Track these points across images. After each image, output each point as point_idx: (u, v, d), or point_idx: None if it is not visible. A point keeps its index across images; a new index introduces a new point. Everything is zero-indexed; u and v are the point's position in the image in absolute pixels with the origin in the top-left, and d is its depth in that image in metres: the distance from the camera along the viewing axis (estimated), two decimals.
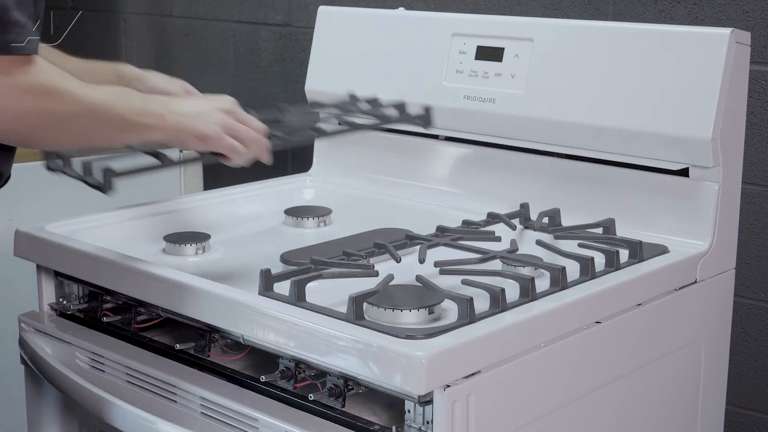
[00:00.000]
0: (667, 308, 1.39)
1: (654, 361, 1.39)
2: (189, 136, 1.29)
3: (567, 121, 1.56)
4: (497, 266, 1.33)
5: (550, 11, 1.83)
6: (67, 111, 1.15)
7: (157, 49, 2.60)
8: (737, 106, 1.47)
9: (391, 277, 1.25)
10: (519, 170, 1.66)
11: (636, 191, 1.52)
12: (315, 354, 1.15)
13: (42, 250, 1.49)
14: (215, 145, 1.31)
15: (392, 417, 1.16)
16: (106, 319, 1.45)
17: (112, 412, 1.30)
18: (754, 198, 1.64)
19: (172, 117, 1.28)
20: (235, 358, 1.31)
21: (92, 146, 1.25)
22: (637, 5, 1.73)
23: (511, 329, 1.16)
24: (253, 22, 2.35)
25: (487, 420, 1.13)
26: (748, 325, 1.67)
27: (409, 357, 1.06)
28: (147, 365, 1.34)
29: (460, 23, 1.70)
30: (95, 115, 1.19)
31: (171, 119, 1.28)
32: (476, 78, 1.66)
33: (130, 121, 1.24)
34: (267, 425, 1.18)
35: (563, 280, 1.27)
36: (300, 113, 1.54)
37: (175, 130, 1.28)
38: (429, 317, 1.17)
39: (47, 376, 1.43)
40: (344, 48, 1.85)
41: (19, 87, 1.10)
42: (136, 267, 1.35)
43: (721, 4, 1.63)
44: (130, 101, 1.25)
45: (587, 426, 1.30)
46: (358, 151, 1.85)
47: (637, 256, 1.39)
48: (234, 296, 1.24)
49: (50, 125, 1.15)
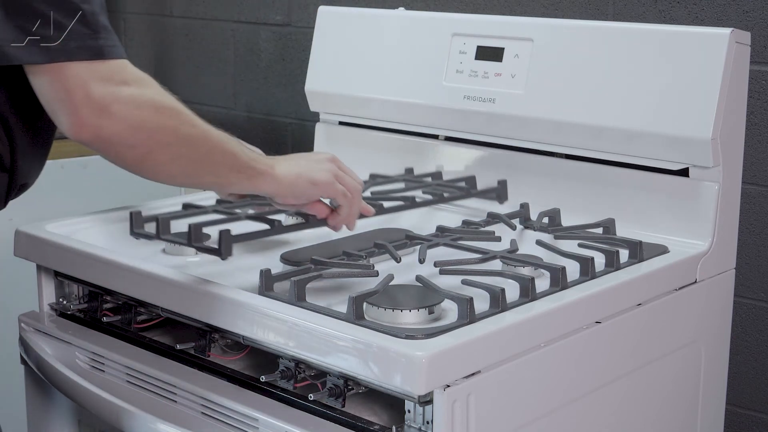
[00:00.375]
0: (667, 308, 1.39)
1: (654, 361, 1.39)
2: (303, 181, 1.30)
3: (567, 121, 1.56)
4: (497, 266, 1.33)
5: (550, 11, 1.83)
6: (186, 132, 1.14)
7: (157, 49, 2.60)
8: (737, 106, 1.47)
9: (391, 277, 1.25)
10: (519, 170, 1.66)
11: (636, 191, 1.52)
12: (315, 354, 1.15)
13: (42, 250, 1.49)
14: (328, 190, 1.32)
15: (392, 417, 1.16)
16: (106, 319, 1.45)
17: (112, 412, 1.30)
18: (754, 198, 1.64)
19: (282, 166, 1.29)
20: (235, 358, 1.31)
21: (201, 183, 1.23)
22: (637, 5, 1.73)
23: (511, 329, 1.16)
24: (253, 22, 2.35)
25: (487, 420, 1.13)
26: (748, 325, 1.67)
27: (409, 357, 1.06)
28: (147, 365, 1.34)
29: (460, 23, 1.70)
30: (211, 144, 1.18)
31: (282, 168, 1.28)
32: (476, 78, 1.66)
33: (242, 162, 1.23)
34: (267, 425, 1.18)
35: (563, 280, 1.27)
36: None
37: (287, 178, 1.28)
38: (429, 317, 1.17)
39: (47, 376, 1.43)
40: (344, 48, 1.85)
41: (143, 101, 1.09)
42: (136, 267, 1.35)
43: (721, 4, 1.63)
44: (240, 145, 1.24)
45: (587, 426, 1.30)
46: (358, 151, 1.85)
47: (637, 256, 1.39)
48: (234, 296, 1.24)
49: (169, 144, 1.13)
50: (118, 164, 1.14)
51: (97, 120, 1.06)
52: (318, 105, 1.91)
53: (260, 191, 1.29)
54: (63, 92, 1.06)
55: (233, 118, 2.42)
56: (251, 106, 2.39)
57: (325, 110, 1.91)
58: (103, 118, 1.06)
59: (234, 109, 2.43)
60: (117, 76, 1.08)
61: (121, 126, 1.08)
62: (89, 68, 1.06)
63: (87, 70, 1.06)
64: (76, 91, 1.05)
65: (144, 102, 1.10)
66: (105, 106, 1.06)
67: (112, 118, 1.07)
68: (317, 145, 1.92)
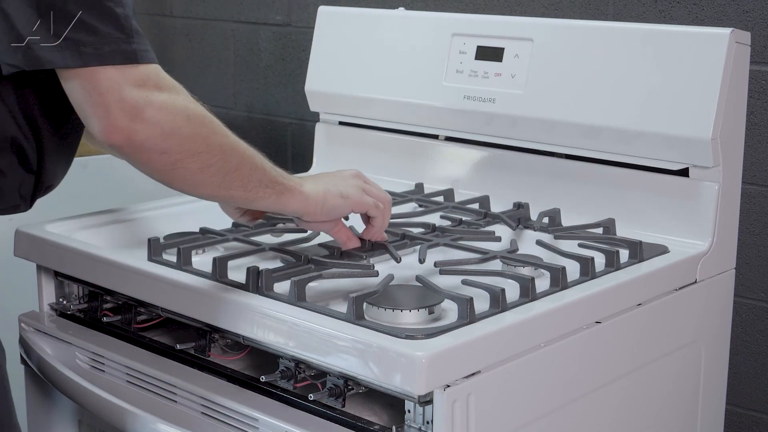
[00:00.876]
0: (667, 308, 1.39)
1: (654, 361, 1.39)
2: (333, 197, 1.28)
3: (567, 121, 1.56)
4: (497, 266, 1.33)
5: (550, 11, 1.83)
6: (217, 142, 1.14)
7: (157, 49, 2.60)
8: (737, 106, 1.47)
9: (391, 277, 1.25)
10: (519, 170, 1.66)
11: (636, 191, 1.52)
12: (315, 354, 1.15)
13: (42, 250, 1.49)
14: (359, 203, 1.31)
15: (392, 417, 1.16)
16: (106, 319, 1.45)
17: (113, 412, 1.30)
18: (754, 198, 1.64)
19: (310, 184, 1.28)
20: (235, 358, 1.31)
21: (228, 196, 1.20)
22: (637, 5, 1.73)
23: (511, 329, 1.16)
24: (253, 22, 2.35)
25: (487, 420, 1.13)
26: (748, 325, 1.67)
27: (409, 357, 1.06)
28: (147, 365, 1.34)
29: (460, 23, 1.70)
30: (241, 156, 1.18)
31: (310, 185, 1.28)
32: (476, 78, 1.66)
33: (271, 177, 1.22)
34: (267, 425, 1.18)
35: (563, 280, 1.27)
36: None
37: (316, 194, 1.27)
38: (429, 317, 1.17)
39: (47, 376, 1.43)
40: (344, 48, 1.85)
41: (175, 108, 1.08)
42: (136, 267, 1.35)
43: (721, 4, 1.63)
44: (267, 161, 1.23)
45: (587, 426, 1.30)
46: (358, 151, 1.85)
47: (637, 256, 1.39)
48: (234, 296, 1.24)
49: (200, 152, 1.12)
50: (147, 171, 1.13)
51: (129, 124, 1.06)
52: (318, 105, 1.91)
53: (288, 208, 1.27)
54: (96, 96, 1.06)
55: (233, 118, 2.42)
56: (251, 106, 2.39)
57: (325, 110, 1.91)
58: (136, 122, 1.06)
59: (234, 109, 2.43)
60: (150, 81, 1.08)
61: (154, 131, 1.07)
62: (123, 72, 1.06)
63: (120, 73, 1.05)
64: (109, 94, 1.05)
65: (177, 108, 1.09)
66: (138, 110, 1.06)
67: (144, 123, 1.07)
68: (317, 145, 1.92)
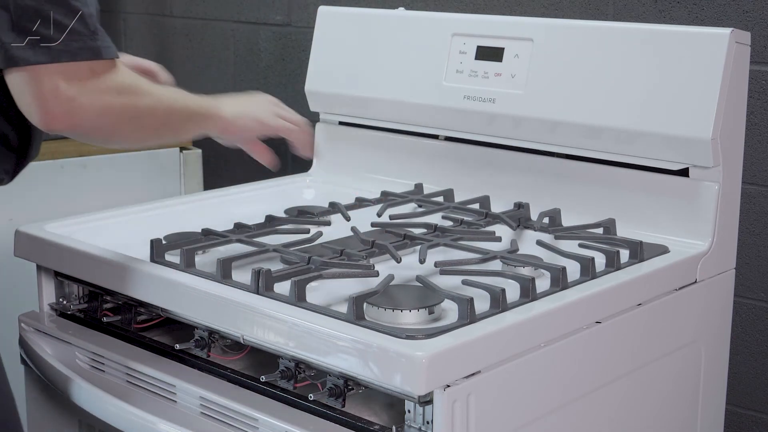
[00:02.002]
0: (667, 308, 1.39)
1: (654, 361, 1.39)
2: (249, 120, 1.46)
3: (567, 121, 1.56)
4: (497, 266, 1.33)
5: (550, 11, 1.83)
6: (144, 104, 1.24)
7: (157, 49, 2.60)
8: (737, 106, 1.47)
9: (391, 277, 1.25)
10: (519, 170, 1.66)
11: (636, 191, 1.52)
12: (315, 354, 1.15)
13: (42, 250, 1.49)
14: (273, 126, 1.50)
15: (392, 417, 1.16)
16: (106, 319, 1.45)
17: (112, 412, 1.30)
18: (754, 198, 1.64)
19: (228, 108, 1.44)
20: (235, 358, 1.31)
21: (163, 139, 1.37)
22: (637, 5, 1.73)
23: (511, 329, 1.16)
24: (253, 22, 2.35)
25: (487, 420, 1.13)
26: (748, 325, 1.67)
27: (409, 357, 1.06)
28: (147, 365, 1.34)
29: (460, 23, 1.70)
30: (166, 106, 1.29)
31: (228, 110, 1.43)
32: (476, 78, 1.66)
33: (193, 112, 1.37)
34: (267, 425, 1.18)
35: (563, 280, 1.27)
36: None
37: (234, 118, 1.44)
38: (429, 317, 1.17)
39: (47, 376, 1.43)
40: (344, 48, 1.85)
41: (106, 86, 1.17)
42: (136, 267, 1.35)
43: (721, 4, 1.63)
44: (188, 97, 1.36)
45: (587, 426, 1.30)
46: (358, 151, 1.85)
47: (637, 256, 1.39)
48: (234, 296, 1.24)
49: (131, 118, 1.23)
50: (87, 141, 1.25)
51: (65, 112, 1.14)
52: (318, 105, 1.91)
53: (209, 132, 1.43)
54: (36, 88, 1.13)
55: None
56: None
57: (325, 110, 1.91)
58: (73, 109, 1.15)
59: None
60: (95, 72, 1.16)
61: (89, 114, 1.16)
62: (64, 67, 1.13)
63: (60, 68, 1.12)
64: (47, 87, 1.13)
65: (109, 87, 1.18)
66: (71, 99, 1.14)
67: (80, 109, 1.15)
68: (317, 145, 1.91)
